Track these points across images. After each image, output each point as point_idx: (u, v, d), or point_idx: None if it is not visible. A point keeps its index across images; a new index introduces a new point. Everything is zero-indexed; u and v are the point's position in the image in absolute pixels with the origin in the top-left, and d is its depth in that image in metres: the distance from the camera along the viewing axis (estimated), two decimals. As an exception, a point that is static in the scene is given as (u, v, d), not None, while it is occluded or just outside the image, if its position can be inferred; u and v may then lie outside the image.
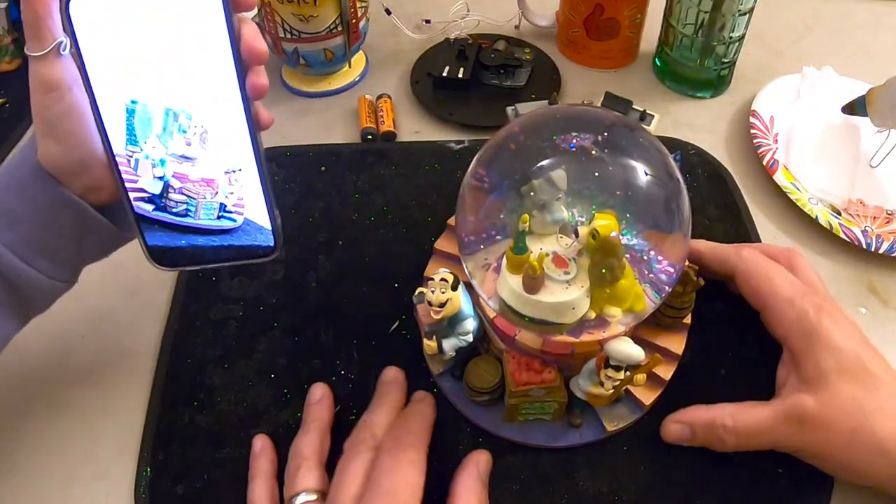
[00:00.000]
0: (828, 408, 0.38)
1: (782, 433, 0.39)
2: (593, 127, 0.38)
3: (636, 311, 0.38)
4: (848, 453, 0.38)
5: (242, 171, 0.36)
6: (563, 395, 0.41)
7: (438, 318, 0.40)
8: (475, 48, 0.67)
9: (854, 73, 0.65)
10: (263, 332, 0.48)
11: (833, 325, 0.40)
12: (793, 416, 0.39)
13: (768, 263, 0.44)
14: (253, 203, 0.37)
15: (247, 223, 0.38)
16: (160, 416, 0.44)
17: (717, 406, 0.41)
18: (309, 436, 0.41)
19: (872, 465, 0.38)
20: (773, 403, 0.40)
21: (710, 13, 0.60)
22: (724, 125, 0.64)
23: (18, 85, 0.67)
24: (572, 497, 0.41)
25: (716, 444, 0.41)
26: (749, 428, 0.40)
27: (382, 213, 0.55)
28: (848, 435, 0.38)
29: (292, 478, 0.38)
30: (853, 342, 0.39)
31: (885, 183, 0.58)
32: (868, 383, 0.38)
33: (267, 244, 0.38)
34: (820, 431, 0.38)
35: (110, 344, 0.48)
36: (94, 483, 0.42)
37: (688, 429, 0.41)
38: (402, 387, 0.44)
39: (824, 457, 0.39)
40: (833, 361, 0.38)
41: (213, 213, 0.37)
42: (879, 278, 0.52)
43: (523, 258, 0.35)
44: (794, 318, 0.41)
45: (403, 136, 0.62)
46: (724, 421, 0.40)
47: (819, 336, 0.39)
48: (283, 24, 0.59)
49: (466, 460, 0.40)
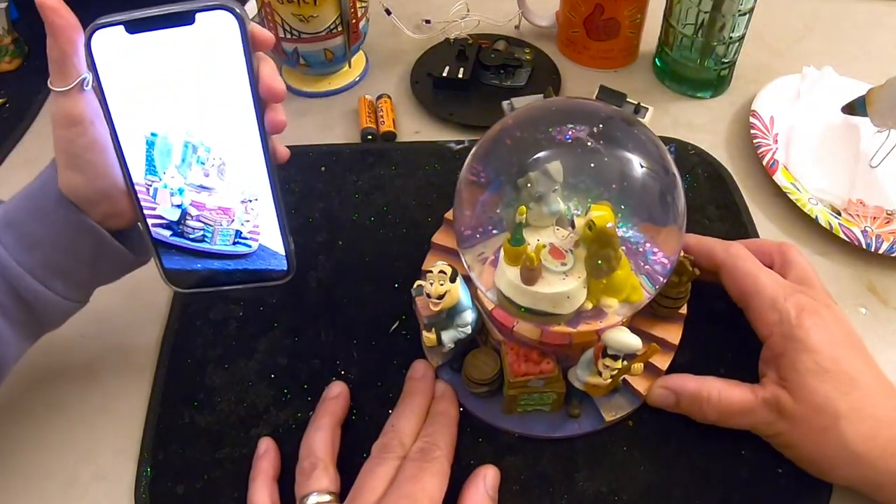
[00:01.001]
0: (801, 405, 0.38)
1: (760, 418, 0.40)
2: (589, 119, 0.38)
3: (632, 302, 0.39)
4: (817, 451, 0.39)
5: (259, 200, 0.38)
6: (561, 386, 0.41)
7: (437, 310, 0.40)
8: (475, 48, 0.67)
9: (854, 73, 0.65)
10: (263, 332, 0.48)
11: (814, 326, 0.40)
12: (771, 405, 0.39)
13: (753, 262, 0.44)
14: (268, 230, 0.39)
15: (261, 248, 0.39)
16: (160, 416, 0.44)
17: (705, 379, 0.42)
18: (322, 433, 0.41)
19: (841, 466, 0.38)
20: (756, 388, 0.41)
21: (710, 13, 0.60)
22: (724, 125, 0.64)
23: (18, 85, 0.67)
24: (572, 497, 0.41)
25: (696, 415, 0.42)
26: (731, 406, 0.41)
27: (383, 214, 0.55)
28: (817, 434, 0.38)
29: (306, 477, 0.39)
30: (832, 343, 0.39)
31: (885, 183, 0.58)
32: (843, 385, 0.38)
33: (280, 268, 0.40)
34: (793, 425, 0.39)
35: (110, 344, 0.48)
36: (94, 483, 0.42)
37: (673, 396, 0.42)
38: (431, 385, 0.44)
39: (796, 450, 0.40)
40: (810, 362, 0.39)
41: (228, 239, 0.39)
42: (879, 278, 0.52)
43: (520, 250, 0.36)
44: (776, 319, 0.41)
45: (403, 137, 0.62)
46: (709, 394, 0.41)
47: (797, 338, 0.39)
48: (283, 24, 0.59)
49: (473, 475, 0.40)
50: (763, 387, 0.40)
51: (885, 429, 0.37)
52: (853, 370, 0.39)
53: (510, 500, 0.41)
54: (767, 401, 0.40)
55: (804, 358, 0.39)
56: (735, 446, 0.42)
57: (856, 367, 0.39)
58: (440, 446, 0.39)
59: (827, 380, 0.38)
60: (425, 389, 0.43)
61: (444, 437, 0.40)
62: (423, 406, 0.42)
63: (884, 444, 0.37)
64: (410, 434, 0.40)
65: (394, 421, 0.41)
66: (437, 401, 0.43)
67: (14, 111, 0.65)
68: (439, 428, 0.40)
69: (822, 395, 0.38)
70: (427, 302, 0.40)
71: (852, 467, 0.38)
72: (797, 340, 0.39)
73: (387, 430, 0.41)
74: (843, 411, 0.37)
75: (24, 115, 0.64)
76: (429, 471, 0.37)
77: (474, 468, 0.40)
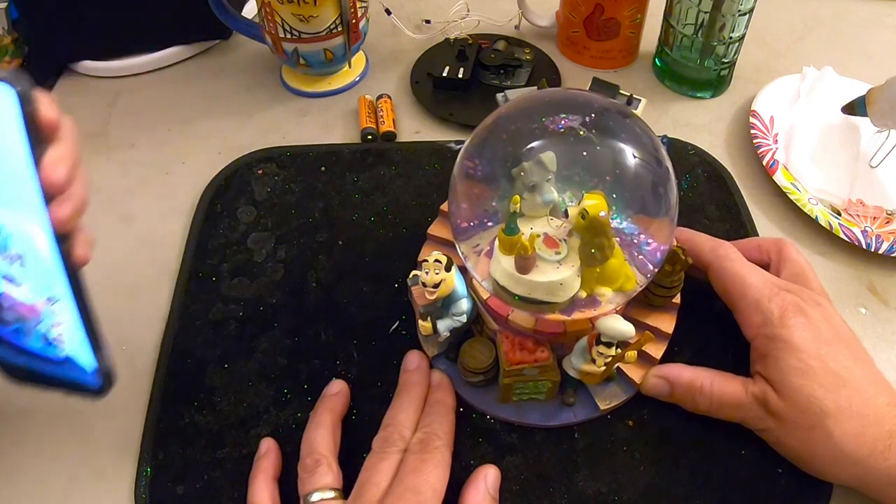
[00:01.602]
0: (787, 404, 0.39)
1: (751, 412, 0.40)
2: (582, 109, 0.39)
3: (626, 291, 0.39)
4: (806, 450, 0.39)
5: (61, 303, 0.32)
6: (556, 374, 0.41)
7: (433, 299, 0.40)
8: (475, 48, 0.67)
9: (854, 73, 0.65)
10: (263, 333, 0.48)
11: (798, 325, 0.39)
12: (760, 400, 0.40)
13: (741, 263, 0.44)
14: (72, 340, 0.33)
15: (68, 359, 0.34)
16: (160, 416, 0.44)
17: (699, 369, 0.42)
18: (323, 430, 0.41)
19: (831, 464, 0.38)
20: (748, 383, 0.41)
21: (710, 13, 0.60)
22: (724, 125, 0.64)
23: (18, 85, 0.67)
24: (572, 497, 0.41)
25: (688, 404, 0.42)
26: (723, 398, 0.41)
27: (383, 213, 0.55)
28: (805, 432, 0.38)
29: (309, 475, 0.39)
30: (819, 341, 0.39)
31: (885, 183, 0.58)
32: (829, 384, 0.38)
33: (92, 384, 0.35)
34: (781, 423, 0.39)
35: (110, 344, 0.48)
36: (94, 483, 0.42)
37: (667, 385, 0.42)
38: (426, 375, 0.44)
39: (786, 447, 0.40)
40: (794, 361, 0.39)
41: (39, 339, 0.33)
42: (879, 278, 0.52)
43: (515, 239, 0.36)
44: (760, 321, 0.41)
45: (403, 137, 0.62)
46: (702, 385, 0.41)
47: (780, 338, 0.39)
48: (283, 24, 0.59)
49: (474, 475, 0.40)
50: (754, 382, 0.41)
51: (872, 427, 0.37)
52: (841, 368, 0.38)
53: (510, 500, 0.41)
54: (757, 397, 0.40)
55: (788, 357, 0.39)
56: (735, 446, 0.42)
57: (844, 365, 0.39)
58: (439, 435, 0.39)
59: (812, 378, 0.38)
60: (420, 380, 0.43)
61: (442, 426, 0.40)
62: (420, 397, 0.42)
63: (872, 443, 0.37)
64: (409, 426, 0.40)
65: (392, 414, 0.41)
66: (434, 390, 0.43)
67: (14, 111, 0.65)
68: (437, 417, 0.41)
69: (806, 394, 0.38)
70: (423, 291, 0.41)
71: (841, 466, 0.38)
72: (781, 340, 0.39)
73: (386, 424, 0.41)
74: (829, 410, 0.37)
75: (24, 115, 0.64)
76: (430, 462, 0.38)
77: (474, 468, 0.40)
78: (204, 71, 0.69)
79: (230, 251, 0.53)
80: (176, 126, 0.63)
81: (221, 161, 0.59)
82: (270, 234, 0.54)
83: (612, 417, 0.44)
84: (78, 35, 0.66)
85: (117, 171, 0.59)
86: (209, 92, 0.66)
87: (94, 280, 0.51)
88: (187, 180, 0.58)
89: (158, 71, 0.69)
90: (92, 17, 0.64)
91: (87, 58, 0.68)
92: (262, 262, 0.52)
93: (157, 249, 0.53)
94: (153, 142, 0.62)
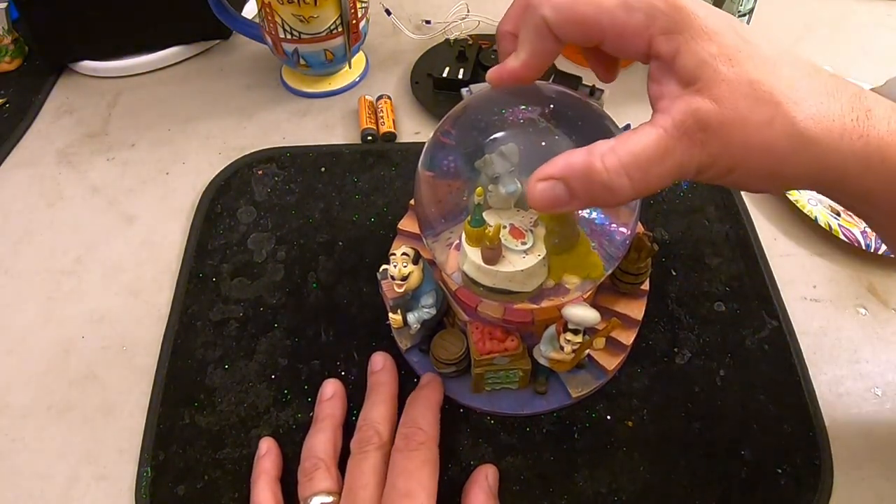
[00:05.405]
0: (728, 104, 0.29)
1: (684, 152, 0.29)
2: (540, 100, 0.39)
3: (593, 279, 0.39)
4: (767, 154, 0.29)
5: None
6: (526, 363, 0.42)
7: (402, 292, 0.41)
8: (475, 49, 0.67)
9: (854, 73, 0.65)
10: (264, 333, 0.48)
11: (693, 6, 0.30)
12: (691, 125, 0.29)
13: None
14: None
15: None
16: (160, 417, 0.44)
17: (591, 146, 0.30)
18: (322, 435, 0.41)
19: (796, 159, 0.30)
20: (659, 118, 0.30)
21: (709, 13, 0.60)
22: (723, 125, 0.64)
23: (18, 85, 0.67)
24: (572, 497, 0.41)
25: (606, 198, 0.30)
26: (640, 158, 0.29)
27: (383, 214, 0.55)
28: (764, 131, 0.29)
29: (308, 479, 0.39)
30: (728, 21, 0.30)
31: (885, 183, 0.58)
32: (763, 64, 0.29)
33: None
34: (729, 136, 0.29)
35: (110, 344, 0.48)
36: (94, 483, 0.42)
37: (560, 185, 0.30)
38: (393, 374, 0.44)
39: (741, 167, 0.30)
40: (714, 46, 0.29)
41: None
42: (879, 279, 0.52)
43: (480, 231, 0.36)
44: (641, 21, 0.30)
45: (404, 137, 0.62)
46: (602, 157, 0.29)
47: (683, 25, 0.29)
48: (284, 24, 0.59)
49: (475, 474, 0.40)
50: (667, 112, 0.30)
51: (832, 98, 0.30)
52: (765, 43, 0.30)
53: (510, 500, 0.41)
54: (684, 124, 0.29)
55: (704, 43, 0.29)
56: (735, 446, 0.42)
57: (767, 40, 0.30)
58: (422, 428, 0.39)
59: (745, 61, 0.29)
60: (388, 380, 0.43)
61: (425, 418, 0.40)
62: (390, 394, 0.42)
63: (840, 119, 0.30)
64: (383, 421, 0.40)
65: (364, 414, 0.41)
66: (419, 387, 0.43)
67: (14, 111, 0.65)
68: (421, 411, 0.41)
69: (746, 81, 0.29)
70: (392, 284, 0.41)
71: (813, 159, 0.30)
72: (685, 28, 0.29)
73: (360, 426, 0.41)
74: (780, 95, 0.29)
75: (24, 115, 0.64)
76: (417, 459, 0.37)
77: (474, 468, 0.41)
78: (204, 71, 0.69)
79: (230, 252, 0.53)
80: (176, 126, 0.63)
81: (221, 161, 0.59)
82: (270, 235, 0.54)
83: (612, 418, 0.44)
84: (78, 35, 0.66)
85: (117, 171, 0.60)
86: (209, 92, 0.67)
87: (94, 281, 0.52)
88: (187, 180, 0.58)
89: (158, 71, 0.69)
90: (92, 17, 0.64)
91: (87, 58, 0.68)
92: (263, 263, 0.52)
93: (158, 250, 0.54)
94: (153, 142, 0.62)
